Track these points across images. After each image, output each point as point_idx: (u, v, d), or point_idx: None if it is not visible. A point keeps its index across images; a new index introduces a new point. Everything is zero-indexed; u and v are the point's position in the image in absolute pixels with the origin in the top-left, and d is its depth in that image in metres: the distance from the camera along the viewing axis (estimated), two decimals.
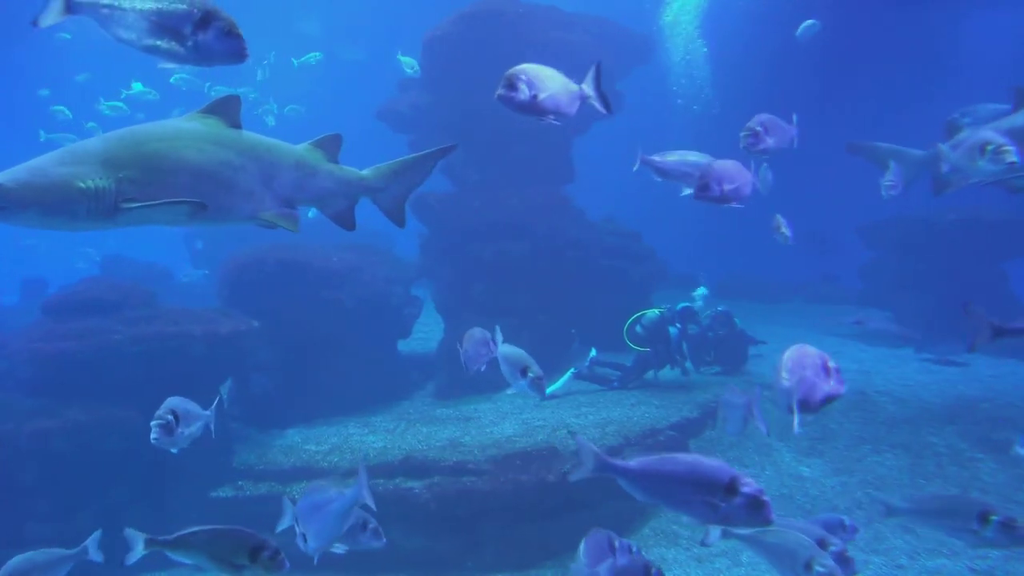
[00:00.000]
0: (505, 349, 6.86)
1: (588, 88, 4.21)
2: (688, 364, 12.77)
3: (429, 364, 14.28)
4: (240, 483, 10.24)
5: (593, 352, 13.10)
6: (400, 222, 5.68)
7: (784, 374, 4.77)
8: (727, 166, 5.78)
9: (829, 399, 4.63)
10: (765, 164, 6.99)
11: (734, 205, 5.80)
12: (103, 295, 11.49)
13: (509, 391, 7.00)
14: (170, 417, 6.50)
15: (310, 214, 13.25)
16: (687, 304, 13.03)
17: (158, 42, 4.07)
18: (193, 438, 6.25)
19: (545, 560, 8.95)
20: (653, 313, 12.68)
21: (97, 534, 7.12)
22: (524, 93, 4.97)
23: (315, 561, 5.60)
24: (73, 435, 9.65)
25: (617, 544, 5.59)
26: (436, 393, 13.33)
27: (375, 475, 9.65)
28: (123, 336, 10.44)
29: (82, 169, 4.15)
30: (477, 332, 7.76)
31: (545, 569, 8.87)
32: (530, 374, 6.63)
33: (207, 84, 22.49)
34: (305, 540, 5.49)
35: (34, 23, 4.21)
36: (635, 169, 7.21)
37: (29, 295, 20.87)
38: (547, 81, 5.19)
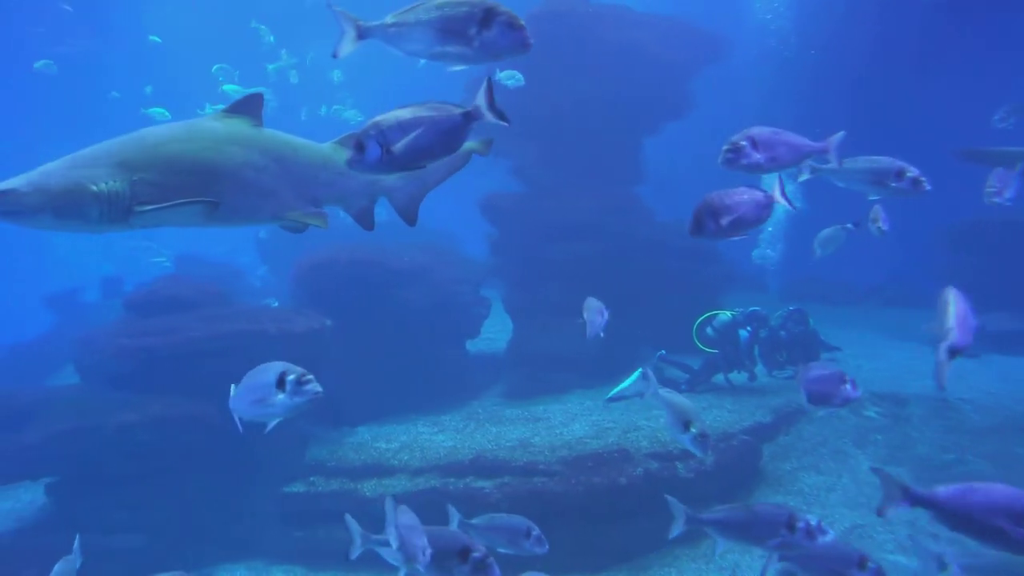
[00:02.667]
0: (669, 396, 6.37)
1: (481, 103, 3.84)
2: (759, 368, 12.58)
3: (497, 364, 14.31)
4: (312, 479, 10.37)
5: (660, 352, 13.00)
6: (411, 221, 5.59)
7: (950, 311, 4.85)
8: (724, 195, 5.16)
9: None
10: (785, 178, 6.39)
11: (741, 237, 5.38)
12: (182, 293, 11.82)
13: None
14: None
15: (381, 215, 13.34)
16: (757, 308, 12.83)
17: (447, 48, 4.10)
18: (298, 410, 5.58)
19: (619, 563, 8.90)
20: (724, 315, 12.53)
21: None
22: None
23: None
24: (154, 428, 9.90)
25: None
26: (504, 393, 13.35)
27: (445, 474, 9.74)
28: (201, 333, 10.68)
29: (96, 172, 4.17)
30: (594, 301, 7.84)
31: (619, 572, 8.83)
32: (692, 430, 6.09)
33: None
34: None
35: (334, 55, 4.35)
36: (801, 180, 6.88)
37: (108, 292, 21.42)
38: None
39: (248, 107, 4.90)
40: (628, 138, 15.57)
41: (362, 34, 4.22)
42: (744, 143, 5.03)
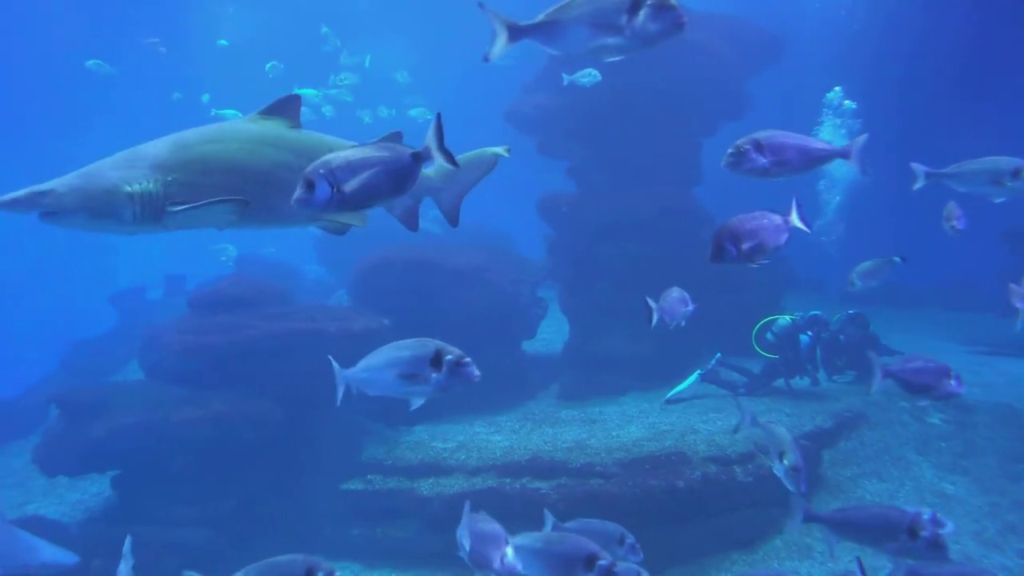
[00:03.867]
0: (769, 425, 6.22)
1: (431, 144, 3.92)
2: (820, 374, 12.39)
3: (554, 365, 14.31)
4: (369, 477, 10.47)
5: (718, 355, 12.88)
6: (455, 221, 5.58)
7: None
8: (743, 221, 5.08)
9: None
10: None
11: (762, 263, 5.16)
12: (243, 292, 12.03)
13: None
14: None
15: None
16: (817, 312, 12.63)
17: (606, 41, 4.07)
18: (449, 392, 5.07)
19: (675, 566, 8.83)
20: (784, 320, 12.36)
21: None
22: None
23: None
24: (217, 424, 10.11)
25: None
26: (560, 394, 13.34)
27: (502, 475, 9.76)
28: (261, 331, 10.84)
29: (132, 173, 4.25)
30: (675, 290, 7.76)
31: (675, 575, 8.77)
32: (785, 462, 5.84)
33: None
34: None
35: (485, 59, 4.34)
36: (917, 188, 6.71)
37: (171, 291, 21.83)
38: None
39: (284, 108, 4.95)
40: (685, 138, 15.45)
41: (514, 35, 4.19)
42: (748, 147, 4.92)
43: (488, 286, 13.87)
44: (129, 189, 4.20)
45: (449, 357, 4.60)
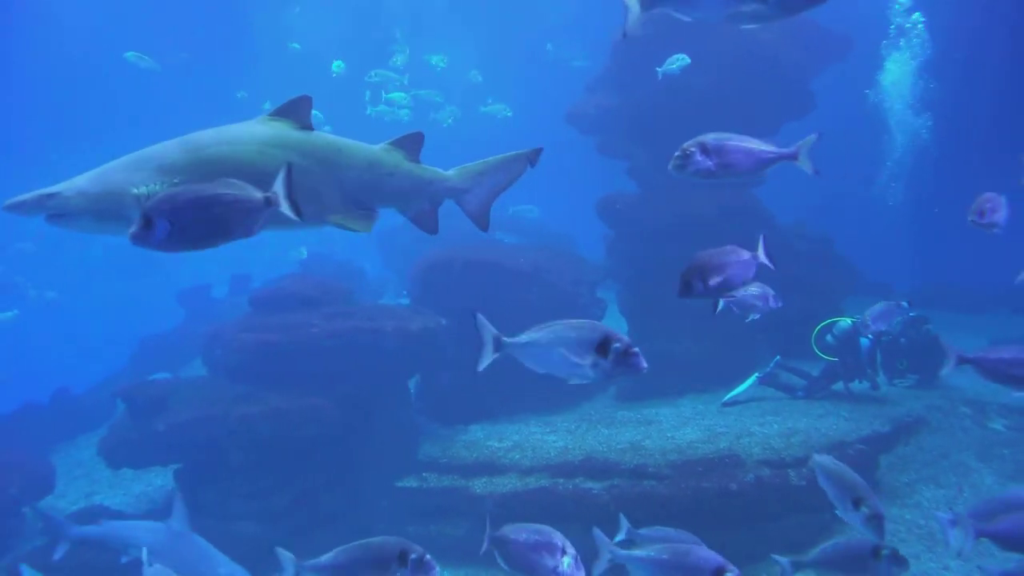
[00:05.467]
0: (831, 464, 5.89)
1: (279, 190, 3.80)
2: (880, 378, 12.18)
3: None
4: (424, 475, 10.59)
5: (777, 357, 12.75)
6: (484, 225, 5.50)
7: None
8: (712, 256, 5.06)
9: None
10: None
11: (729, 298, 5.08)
12: (304, 291, 12.21)
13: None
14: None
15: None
16: None
17: (743, 7, 4.15)
18: (611, 380, 4.85)
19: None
20: (845, 322, 12.17)
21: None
22: None
23: None
24: (274, 421, 10.27)
25: None
26: (618, 395, 13.31)
27: (555, 475, 9.79)
28: (320, 330, 11.02)
29: (138, 176, 4.27)
30: (760, 285, 7.60)
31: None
32: (863, 509, 5.42)
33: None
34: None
35: (623, 35, 4.48)
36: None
37: (236, 289, 22.27)
38: None
39: (295, 110, 4.92)
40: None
41: (648, 4, 4.19)
42: (694, 149, 4.88)
43: (547, 286, 13.90)
44: (136, 191, 4.23)
45: (617, 345, 4.44)
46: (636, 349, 4.41)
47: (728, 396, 12.14)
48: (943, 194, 19.05)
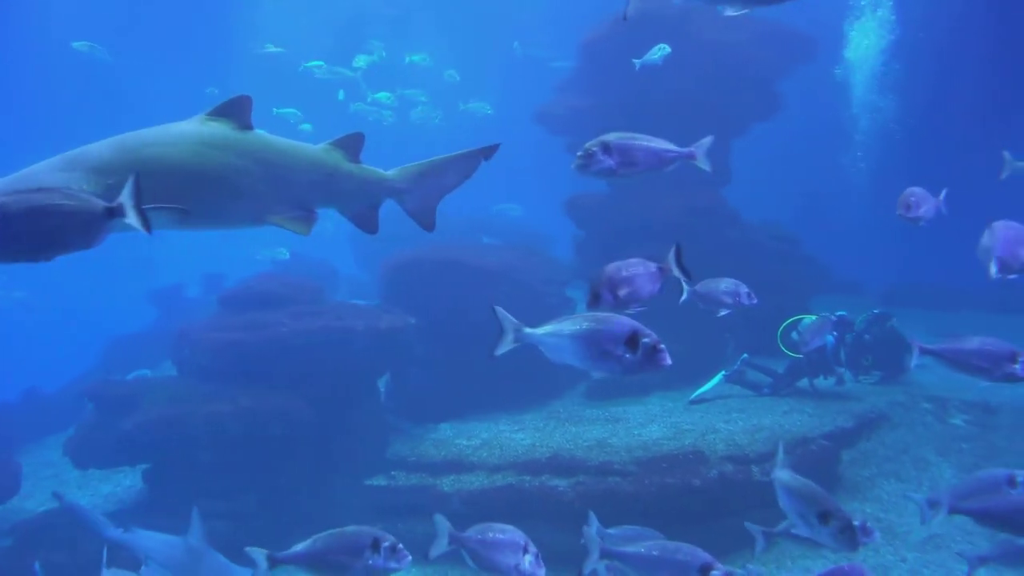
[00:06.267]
0: (791, 480, 5.62)
1: (126, 201, 3.57)
2: (846, 374, 12.37)
3: None
4: (393, 473, 10.65)
5: (744, 356, 12.89)
6: (427, 226, 5.41)
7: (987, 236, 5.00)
8: (620, 268, 4.99)
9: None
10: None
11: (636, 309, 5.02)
12: (275, 290, 12.22)
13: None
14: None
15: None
16: (844, 312, 12.60)
17: None
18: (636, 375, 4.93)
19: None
20: (810, 320, 12.34)
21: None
22: None
23: None
24: (243, 420, 10.30)
25: None
26: (587, 393, 13.39)
27: (522, 472, 9.87)
28: (289, 329, 11.04)
29: (72, 176, 4.15)
30: (732, 282, 7.64)
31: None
32: (833, 522, 5.14)
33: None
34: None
35: (624, 18, 4.46)
36: (1003, 178, 6.67)
37: (209, 288, 22.18)
38: None
39: (234, 110, 4.80)
40: (715, 139, 15.43)
41: None
42: (596, 149, 4.95)
43: (517, 285, 13.93)
44: None
45: (646, 340, 4.37)
46: (663, 345, 4.39)
47: (695, 394, 12.26)
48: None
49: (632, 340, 4.36)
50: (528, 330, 4.87)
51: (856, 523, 5.44)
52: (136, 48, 25.55)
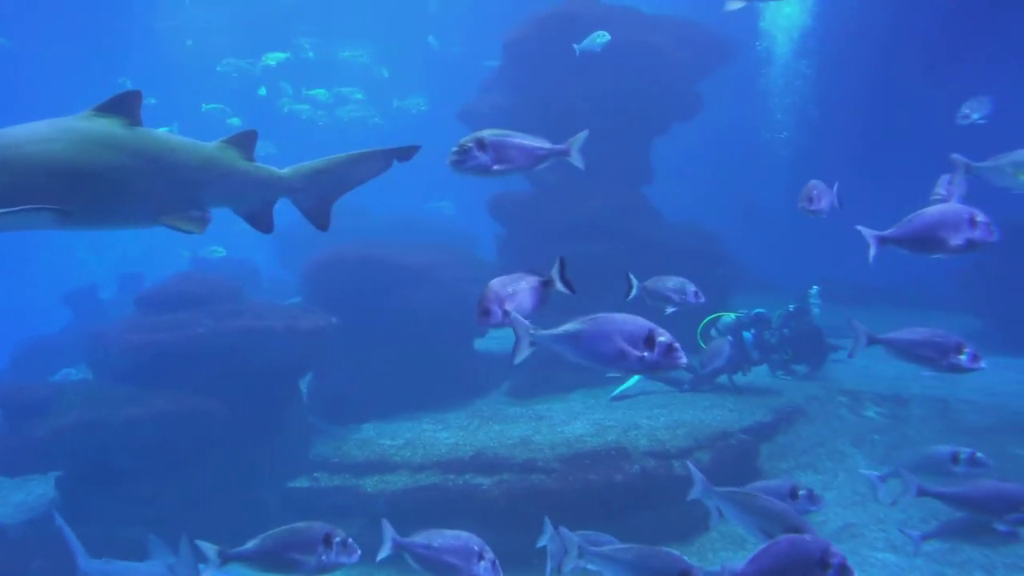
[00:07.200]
0: (733, 495, 5.55)
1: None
2: (780, 371, 12.71)
3: (505, 363, 14.28)
4: (316, 475, 10.56)
5: None
6: (320, 225, 5.26)
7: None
8: (505, 284, 4.95)
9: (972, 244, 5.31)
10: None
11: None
12: (191, 289, 11.96)
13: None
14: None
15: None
16: (762, 310, 12.87)
17: None
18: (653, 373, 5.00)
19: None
20: (729, 317, 12.59)
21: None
22: None
23: None
24: (161, 423, 10.07)
25: None
26: (510, 392, 13.43)
27: (446, 471, 9.86)
28: (208, 329, 10.83)
29: None
30: (673, 279, 7.83)
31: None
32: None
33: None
34: None
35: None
36: (957, 181, 6.75)
37: (125, 289, 21.65)
38: None
39: (122, 105, 4.55)
40: (637, 138, 15.64)
41: None
42: (471, 145, 4.94)
43: (440, 284, 13.90)
44: None
45: (662, 339, 4.41)
46: (677, 344, 4.46)
47: (617, 391, 12.38)
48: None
49: (649, 339, 4.42)
50: (542, 333, 4.79)
51: (803, 492, 5.79)
52: (38, 33, 24.76)
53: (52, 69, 26.75)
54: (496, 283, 4.80)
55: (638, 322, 4.50)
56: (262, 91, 25.52)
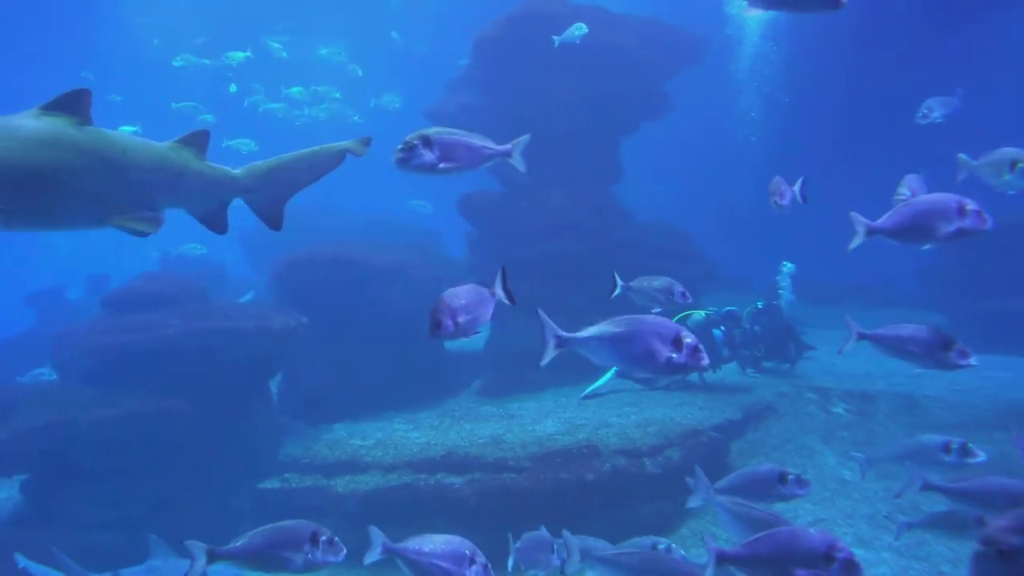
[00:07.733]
0: (737, 508, 5.50)
1: None
2: (750, 368, 12.81)
3: (476, 362, 14.39)
4: (287, 475, 10.50)
5: None
6: (273, 224, 5.26)
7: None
8: (456, 296, 4.92)
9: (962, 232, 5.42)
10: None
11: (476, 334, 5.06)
12: (161, 290, 11.88)
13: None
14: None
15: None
16: (732, 308, 12.97)
17: None
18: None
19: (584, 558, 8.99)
20: (698, 315, 12.66)
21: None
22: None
23: None
24: (129, 424, 9.97)
25: None
26: (482, 391, 13.45)
27: (417, 470, 9.84)
28: (177, 330, 10.74)
29: None
30: (661, 279, 7.91)
31: (584, 568, 8.91)
32: None
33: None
34: None
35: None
36: (960, 180, 6.78)
37: (93, 290, 21.45)
38: None
39: (72, 104, 4.44)
40: (606, 138, 15.68)
41: None
42: (417, 143, 4.93)
43: (411, 283, 13.87)
44: None
45: (688, 340, 4.47)
46: (701, 345, 4.50)
47: (588, 389, 12.41)
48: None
49: (677, 341, 4.46)
50: (570, 335, 4.90)
51: (792, 476, 6.00)
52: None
53: (15, 61, 26.40)
54: (448, 296, 4.82)
55: (667, 324, 4.57)
56: (232, 88, 25.31)
